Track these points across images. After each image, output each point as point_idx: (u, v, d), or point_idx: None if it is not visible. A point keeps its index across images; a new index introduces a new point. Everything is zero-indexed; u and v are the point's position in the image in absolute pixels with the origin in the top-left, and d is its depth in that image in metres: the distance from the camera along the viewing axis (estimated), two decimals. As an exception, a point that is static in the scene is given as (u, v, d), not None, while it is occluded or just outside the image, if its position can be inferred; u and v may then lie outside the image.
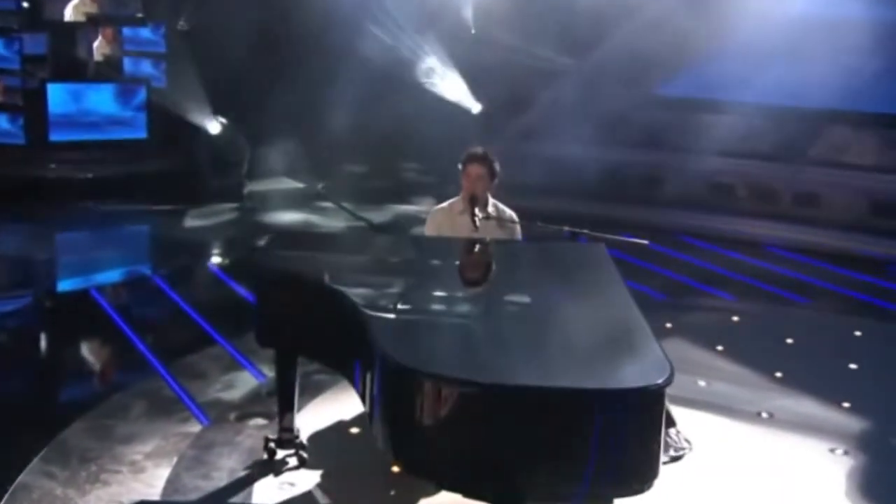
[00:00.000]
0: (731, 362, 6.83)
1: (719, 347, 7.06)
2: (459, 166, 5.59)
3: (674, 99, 11.57)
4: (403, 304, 4.42)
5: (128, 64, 12.51)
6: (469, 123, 12.77)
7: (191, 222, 11.11)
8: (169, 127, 12.25)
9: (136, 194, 11.54)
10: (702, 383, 6.40)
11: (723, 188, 11.03)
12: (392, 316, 4.29)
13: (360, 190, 12.53)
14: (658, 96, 11.73)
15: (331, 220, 11.18)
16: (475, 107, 13.35)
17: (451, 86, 13.33)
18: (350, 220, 11.25)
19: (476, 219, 5.36)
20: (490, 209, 5.58)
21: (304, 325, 4.75)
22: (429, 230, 5.72)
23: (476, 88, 13.17)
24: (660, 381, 3.47)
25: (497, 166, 5.59)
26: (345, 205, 11.82)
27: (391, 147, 12.93)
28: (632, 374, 3.57)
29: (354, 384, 4.37)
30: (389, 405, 3.78)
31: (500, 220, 5.58)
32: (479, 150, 5.62)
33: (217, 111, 12.54)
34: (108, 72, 12.35)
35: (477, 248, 5.34)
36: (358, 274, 4.88)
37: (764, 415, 5.98)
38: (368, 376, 4.02)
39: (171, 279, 8.84)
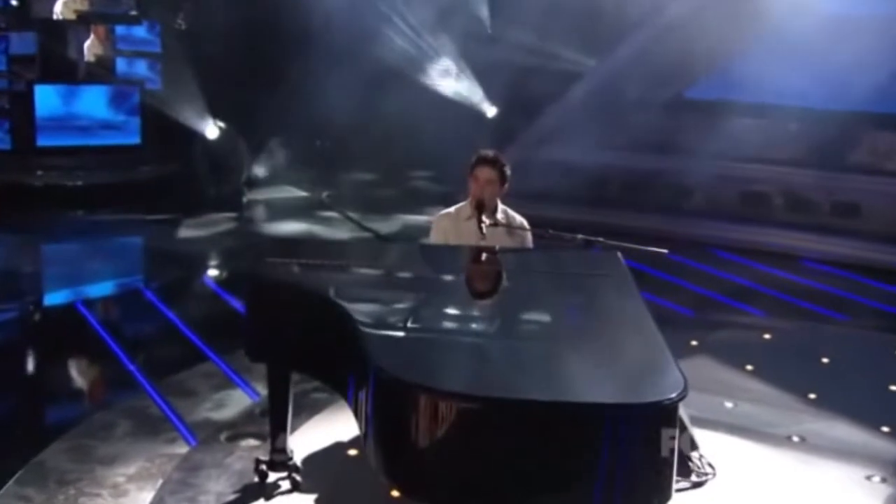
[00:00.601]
0: (760, 382, 6.77)
1: (748, 367, 7.01)
2: (469, 174, 5.56)
3: (702, 102, 11.54)
4: (401, 314, 4.40)
5: (121, 65, 12.61)
6: (483, 128, 12.79)
7: (186, 233, 11.15)
8: (164, 132, 12.34)
9: (128, 203, 11.62)
10: (728, 405, 6.36)
11: (756, 197, 10.98)
12: (388, 327, 4.27)
13: (367, 199, 12.56)
14: (686, 99, 11.71)
15: (335, 231, 11.19)
16: (490, 110, 13.37)
17: (464, 88, 13.36)
18: (356, 231, 11.26)
19: (483, 226, 5.33)
20: (499, 215, 5.55)
21: (296, 337, 4.73)
22: (434, 237, 5.70)
23: (491, 91, 13.19)
24: (673, 395, 3.44)
25: (508, 170, 5.57)
26: (350, 214, 11.84)
27: (401, 153, 12.97)
28: (643, 389, 3.55)
29: (348, 401, 4.35)
30: (383, 422, 3.76)
31: (510, 227, 5.56)
32: (489, 152, 5.60)
33: (215, 115, 12.60)
34: (100, 73, 12.45)
35: (483, 256, 5.31)
36: (354, 283, 4.88)
37: (795, 439, 5.92)
38: (362, 392, 4.00)
39: (163, 293, 8.87)
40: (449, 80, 13.49)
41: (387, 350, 3.95)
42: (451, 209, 5.70)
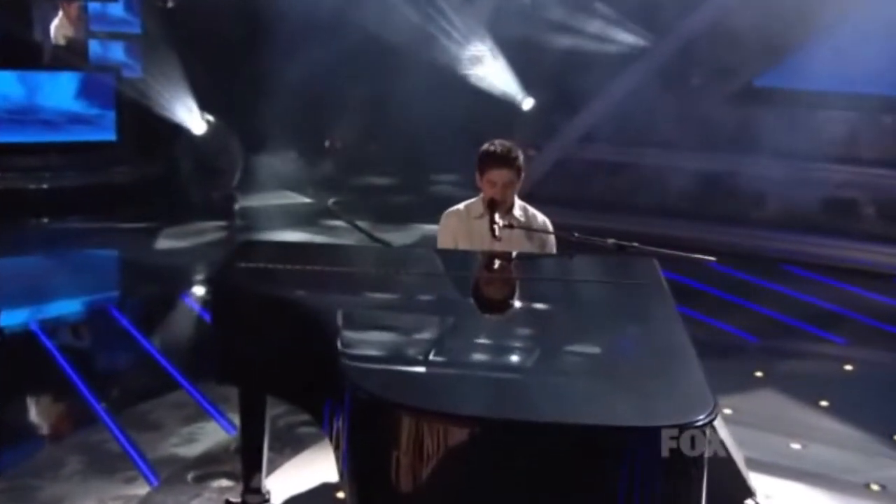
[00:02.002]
0: (836, 421, 6.75)
1: (823, 403, 6.99)
2: (477, 172, 5.52)
3: (776, 91, 11.51)
4: (388, 329, 4.39)
5: (94, 48, 12.73)
6: (519, 123, 12.80)
7: (167, 243, 11.27)
8: (144, 126, 12.45)
9: (100, 209, 11.75)
10: (795, 446, 6.33)
11: (840, 205, 10.95)
12: (371, 342, 4.28)
13: (380, 206, 12.62)
14: (756, 88, 11.67)
15: (341, 242, 11.22)
16: (527, 102, 13.36)
17: (496, 76, 13.37)
18: (365, 242, 11.29)
19: (496, 227, 5.28)
20: (517, 213, 5.51)
21: (269, 353, 4.72)
22: (441, 239, 5.67)
23: (528, 80, 13.19)
24: (701, 416, 3.41)
25: (522, 161, 5.51)
26: (360, 224, 11.88)
27: (422, 154, 12.99)
28: (666, 410, 3.51)
29: (324, 430, 4.34)
30: (360, 451, 3.73)
31: (528, 228, 5.52)
32: (498, 147, 5.44)
33: (204, 107, 12.68)
34: (70, 58, 12.56)
35: (494, 262, 5.29)
36: (337, 292, 4.87)
37: (874, 487, 5.87)
38: (339, 418, 3.98)
39: (135, 312, 9.00)
40: (479, 67, 13.51)
41: (366, 368, 3.94)
42: (461, 206, 5.66)
